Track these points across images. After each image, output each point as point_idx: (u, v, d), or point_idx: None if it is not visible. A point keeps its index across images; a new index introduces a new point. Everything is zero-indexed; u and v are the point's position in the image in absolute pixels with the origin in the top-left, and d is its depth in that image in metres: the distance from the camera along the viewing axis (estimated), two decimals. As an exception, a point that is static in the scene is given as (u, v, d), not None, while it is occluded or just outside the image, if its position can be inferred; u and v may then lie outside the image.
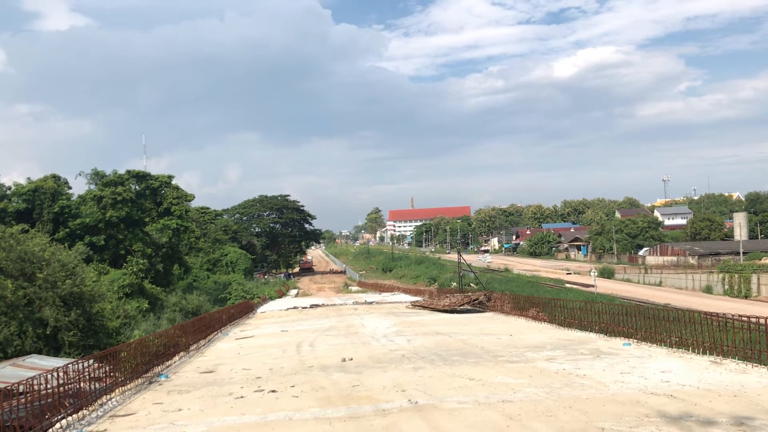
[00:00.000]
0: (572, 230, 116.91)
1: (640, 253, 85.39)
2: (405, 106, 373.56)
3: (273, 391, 10.81)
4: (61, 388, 9.87)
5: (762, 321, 11.23)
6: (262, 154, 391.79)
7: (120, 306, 30.26)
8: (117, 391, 11.60)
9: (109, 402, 10.83)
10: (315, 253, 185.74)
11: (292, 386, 11.17)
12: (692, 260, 71.69)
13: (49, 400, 9.47)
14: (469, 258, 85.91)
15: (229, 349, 18.05)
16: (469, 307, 26.28)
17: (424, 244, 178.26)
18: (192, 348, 18.24)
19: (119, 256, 40.74)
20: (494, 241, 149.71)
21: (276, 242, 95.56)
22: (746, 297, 46.90)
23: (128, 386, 12.13)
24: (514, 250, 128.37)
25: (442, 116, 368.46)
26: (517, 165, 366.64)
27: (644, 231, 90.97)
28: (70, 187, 43.22)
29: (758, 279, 47.64)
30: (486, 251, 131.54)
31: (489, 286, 49.22)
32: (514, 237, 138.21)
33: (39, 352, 19.70)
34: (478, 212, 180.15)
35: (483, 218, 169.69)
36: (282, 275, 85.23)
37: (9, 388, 8.98)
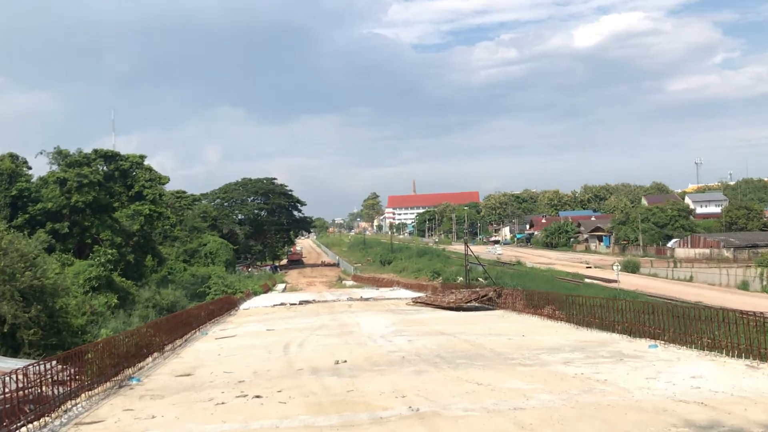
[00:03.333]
0: (593, 219, 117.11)
1: (669, 244, 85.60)
2: (406, 79, 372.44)
3: (257, 397, 10.86)
4: (21, 393, 9.88)
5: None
6: (245, 132, 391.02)
7: (86, 301, 30.29)
8: (83, 396, 11.63)
9: (75, 408, 10.86)
10: (305, 244, 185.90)
11: (279, 391, 11.22)
12: (727, 253, 71.91)
13: (6, 405, 9.48)
14: (478, 249, 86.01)
15: (208, 350, 18.12)
16: (477, 305, 26.35)
17: (427, 234, 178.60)
18: (167, 348, 18.29)
19: (85, 246, 40.72)
20: (505, 231, 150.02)
21: (261, 231, 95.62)
22: (787, 294, 47.10)
23: (95, 391, 12.16)
24: (527, 241, 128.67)
25: (447, 90, 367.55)
26: (531, 146, 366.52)
27: (674, 220, 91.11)
28: (29, 168, 43.06)
29: (800, 274, 47.73)
30: (496, 242, 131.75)
31: (499, 280, 49.35)
32: (527, 226, 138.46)
33: (-5, 352, 19.75)
34: (487, 198, 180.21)
35: (493, 205, 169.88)
36: (267, 268, 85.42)
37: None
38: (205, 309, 27.51)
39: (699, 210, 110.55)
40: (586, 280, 56.13)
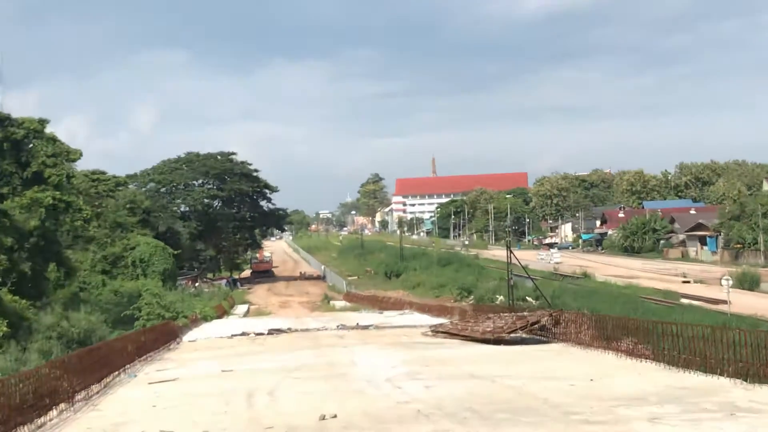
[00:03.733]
0: (692, 212, 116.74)
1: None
2: (424, 10, 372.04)
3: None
4: None
5: None
6: (190, 86, 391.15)
7: (-37, 329, 30.38)
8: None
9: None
10: (276, 247, 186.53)
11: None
12: None
13: None
14: (526, 256, 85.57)
15: (138, 400, 18.23)
16: (524, 335, 26.47)
17: (452, 234, 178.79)
18: (79, 397, 18.38)
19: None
20: (566, 230, 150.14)
21: (214, 229, 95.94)
22: None
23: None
24: (597, 244, 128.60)
25: (482, 27, 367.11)
26: (604, 107, 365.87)
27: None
28: None
29: None
30: (553, 245, 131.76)
31: (557, 301, 49.31)
32: (597, 223, 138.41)
33: None
34: (540, 183, 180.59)
35: (548, 192, 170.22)
36: (223, 282, 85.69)
37: None
38: (133, 341, 27.62)
39: None
40: (683, 301, 56.01)
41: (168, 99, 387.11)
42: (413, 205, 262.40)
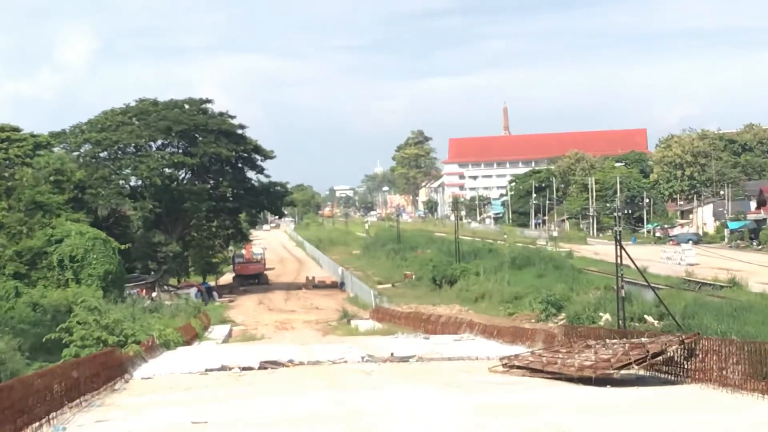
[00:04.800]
0: None
1: None
2: None
3: None
4: None
5: None
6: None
7: None
8: None
9: None
10: (273, 239, 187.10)
11: None
12: None
13: None
14: (644, 253, 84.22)
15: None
16: (641, 372, 26.41)
17: (532, 221, 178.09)
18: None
19: None
20: (704, 214, 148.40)
21: (180, 212, 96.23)
22: None
23: None
24: (753, 236, 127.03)
25: None
26: (760, 28, 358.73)
27: None
28: None
29: None
30: (685, 239, 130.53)
31: (691, 322, 48.88)
32: (752, 205, 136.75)
33: None
34: (665, 144, 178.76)
35: (677, 159, 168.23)
36: (193, 291, 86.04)
37: None
38: (62, 378, 27.71)
39: None
40: None
41: (112, 19, 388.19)
42: (475, 177, 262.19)
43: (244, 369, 34.84)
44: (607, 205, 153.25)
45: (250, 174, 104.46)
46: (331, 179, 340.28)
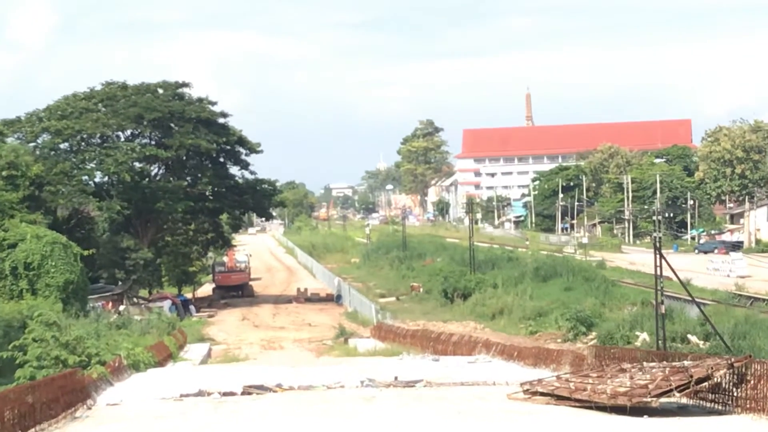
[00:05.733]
0: None
1: None
2: None
3: None
4: None
5: None
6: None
7: None
8: None
9: None
10: (259, 244, 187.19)
11: None
12: None
13: None
14: (688, 263, 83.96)
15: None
16: (684, 401, 26.44)
17: (558, 224, 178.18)
18: None
19: None
20: (758, 219, 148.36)
21: (152, 213, 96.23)
22: None
23: None
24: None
25: None
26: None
27: None
28: None
29: None
30: (734, 245, 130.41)
31: (742, 342, 48.85)
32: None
33: None
34: (712, 138, 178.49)
35: (726, 155, 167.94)
36: (166, 304, 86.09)
37: None
38: (14, 404, 27.74)
39: None
40: None
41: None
42: (492, 174, 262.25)
43: (224, 394, 34.79)
44: (645, 207, 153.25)
45: (234, 170, 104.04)
46: (327, 176, 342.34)
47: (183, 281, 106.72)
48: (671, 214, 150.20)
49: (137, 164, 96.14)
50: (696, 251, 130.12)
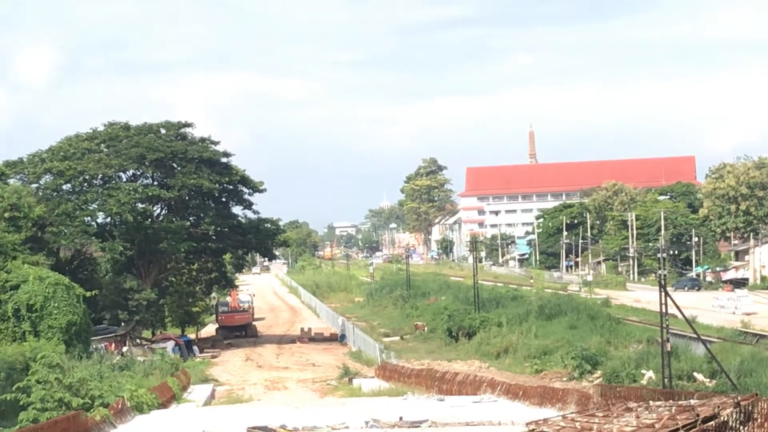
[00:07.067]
0: None
1: None
2: None
3: None
4: None
5: None
6: (119, 8, 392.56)
7: None
8: None
9: None
10: (263, 284, 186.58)
11: None
12: None
13: None
14: (693, 300, 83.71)
15: None
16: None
17: (563, 262, 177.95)
18: None
19: None
20: (761, 254, 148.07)
21: (155, 254, 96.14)
22: None
23: None
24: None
25: None
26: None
27: None
28: None
29: None
30: (740, 282, 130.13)
31: (748, 380, 48.74)
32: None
33: None
34: (716, 174, 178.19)
35: (731, 192, 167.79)
36: (170, 345, 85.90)
37: None
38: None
39: None
40: None
41: (77, 30, 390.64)
42: (496, 212, 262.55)
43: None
44: (650, 244, 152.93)
45: (237, 209, 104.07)
46: (330, 215, 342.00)
47: (186, 321, 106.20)
48: (676, 252, 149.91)
49: (140, 205, 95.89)
50: (674, 288, 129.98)
